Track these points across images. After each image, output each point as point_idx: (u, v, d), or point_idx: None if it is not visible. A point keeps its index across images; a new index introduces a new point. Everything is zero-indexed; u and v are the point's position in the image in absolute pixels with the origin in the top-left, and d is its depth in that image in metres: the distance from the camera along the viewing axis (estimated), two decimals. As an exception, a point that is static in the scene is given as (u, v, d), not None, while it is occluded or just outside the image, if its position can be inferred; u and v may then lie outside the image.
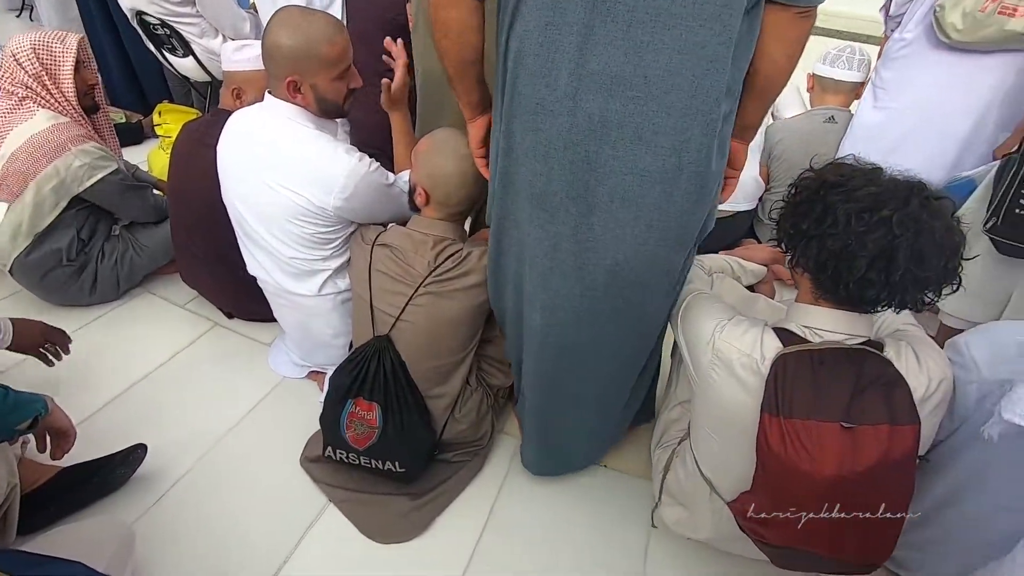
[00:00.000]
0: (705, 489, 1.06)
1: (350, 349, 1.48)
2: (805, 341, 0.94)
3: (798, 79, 1.75)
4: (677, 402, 1.27)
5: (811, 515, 0.88)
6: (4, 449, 1.08)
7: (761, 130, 2.04)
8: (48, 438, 1.14)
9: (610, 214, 0.95)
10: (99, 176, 1.68)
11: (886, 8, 1.82)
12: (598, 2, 0.82)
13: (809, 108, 2.13)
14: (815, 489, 0.87)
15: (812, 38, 0.93)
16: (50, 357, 1.42)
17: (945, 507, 1.05)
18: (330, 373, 1.60)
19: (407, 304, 1.26)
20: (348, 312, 1.47)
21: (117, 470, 1.32)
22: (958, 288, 0.89)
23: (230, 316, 1.85)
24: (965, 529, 1.05)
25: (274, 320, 1.64)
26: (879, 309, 0.93)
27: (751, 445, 0.93)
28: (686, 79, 0.84)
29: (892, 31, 1.80)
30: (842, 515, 0.87)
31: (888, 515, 0.87)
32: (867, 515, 0.87)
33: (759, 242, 2.04)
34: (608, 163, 0.91)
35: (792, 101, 2.28)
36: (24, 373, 1.58)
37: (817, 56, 2.07)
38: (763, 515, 0.94)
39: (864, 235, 0.84)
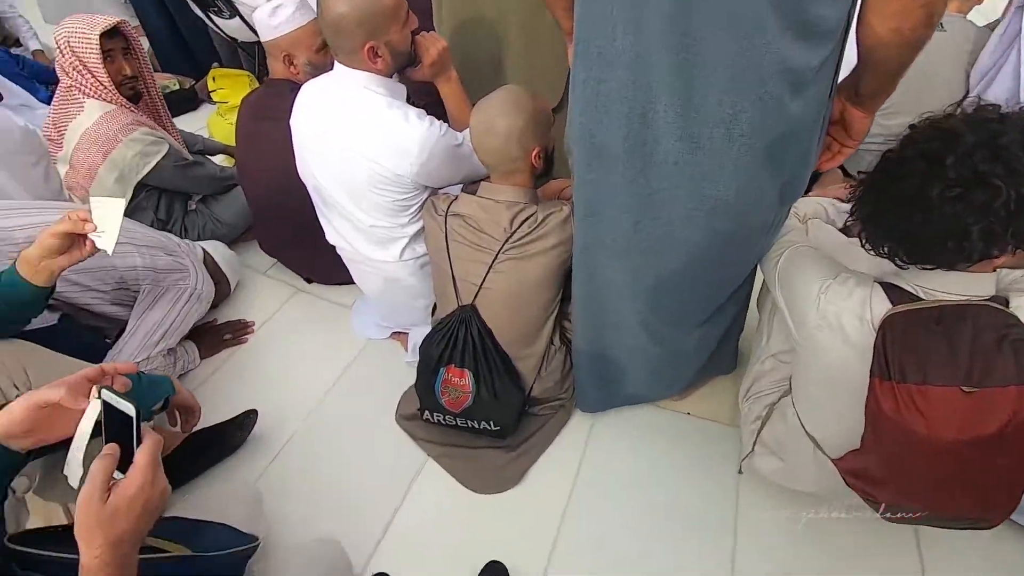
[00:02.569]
0: (809, 446, 1.06)
1: (432, 311, 1.52)
2: (917, 299, 0.89)
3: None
4: (770, 354, 1.25)
5: (926, 476, 0.88)
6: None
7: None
8: (177, 414, 1.25)
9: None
10: (153, 162, 1.68)
11: None
12: None
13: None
14: (932, 452, 0.85)
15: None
16: (238, 341, 1.70)
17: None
18: (412, 333, 1.66)
19: (488, 272, 1.26)
20: (428, 275, 1.49)
21: (235, 434, 1.44)
22: None
23: (309, 281, 1.91)
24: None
25: (353, 283, 1.69)
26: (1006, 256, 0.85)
27: (860, 405, 0.91)
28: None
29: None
30: (961, 474, 0.86)
31: (1014, 472, 0.85)
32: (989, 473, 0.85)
33: (845, 173, 1.90)
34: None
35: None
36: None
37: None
38: (874, 475, 0.94)
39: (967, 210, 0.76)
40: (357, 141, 1.27)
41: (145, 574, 0.76)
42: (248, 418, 1.46)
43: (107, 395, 0.68)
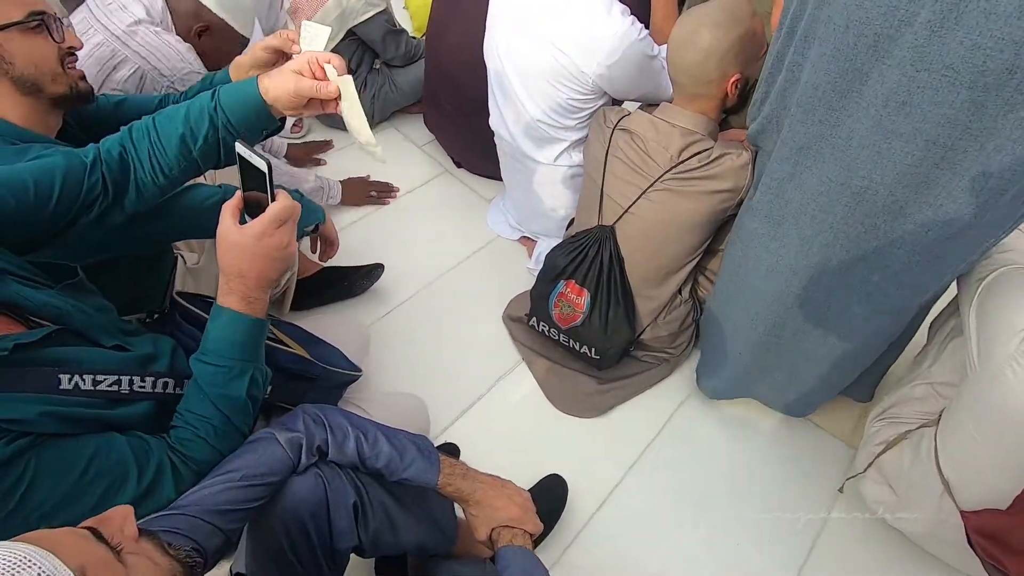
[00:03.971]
0: (938, 488, 0.93)
1: (568, 226, 1.49)
2: None
3: None
4: (927, 382, 1.08)
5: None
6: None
7: None
8: (319, 244, 1.36)
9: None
10: (372, 12, 1.80)
11: None
12: None
13: None
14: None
15: None
16: (381, 201, 1.80)
17: None
18: (541, 242, 1.65)
19: (639, 197, 1.19)
20: (575, 187, 1.45)
21: (362, 280, 1.56)
22: None
23: (459, 166, 1.95)
24: None
25: (499, 178, 1.69)
26: None
27: (1028, 465, 0.77)
28: None
29: None
30: None
31: None
32: None
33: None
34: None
35: None
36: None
37: None
38: (1010, 542, 0.81)
39: None
40: (551, 26, 1.21)
41: (271, 358, 0.87)
42: (375, 270, 1.56)
43: (240, 148, 0.71)
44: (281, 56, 1.01)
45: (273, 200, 0.71)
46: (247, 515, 0.72)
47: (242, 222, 0.72)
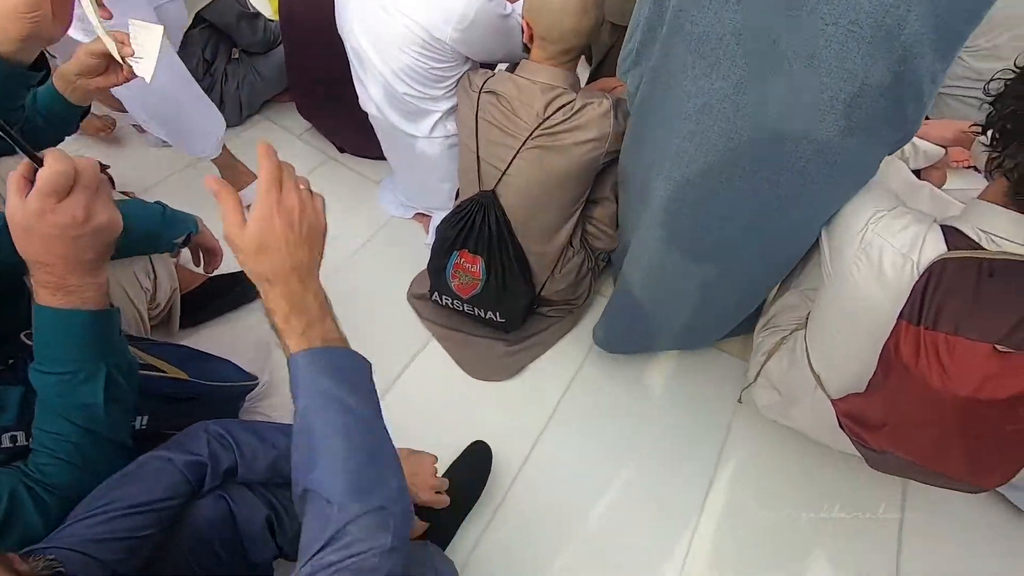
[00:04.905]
0: (811, 383, 1.02)
1: (456, 196, 1.48)
2: (978, 247, 0.80)
3: None
4: (798, 289, 1.18)
5: (926, 430, 0.83)
6: (165, 259, 1.23)
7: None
8: (200, 254, 1.28)
9: (789, 76, 0.78)
10: None
11: None
12: None
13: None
14: (940, 407, 0.80)
15: None
16: None
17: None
18: (435, 217, 1.64)
19: (514, 158, 1.20)
20: (456, 157, 1.44)
21: (253, 284, 1.49)
22: None
23: (342, 151, 1.88)
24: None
25: (384, 158, 1.65)
26: None
27: (876, 349, 0.86)
28: None
29: None
30: (963, 434, 0.81)
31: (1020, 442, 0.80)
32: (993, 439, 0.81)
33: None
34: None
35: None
36: (165, 197, 1.75)
37: None
38: (871, 420, 0.91)
39: None
40: (398, -6, 1.17)
41: (145, 387, 0.82)
42: (266, 271, 1.49)
43: None
44: (112, 62, 0.92)
45: (41, 165, 0.59)
46: (138, 544, 0.69)
47: None
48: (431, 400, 1.36)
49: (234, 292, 1.48)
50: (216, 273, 1.37)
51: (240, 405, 1.09)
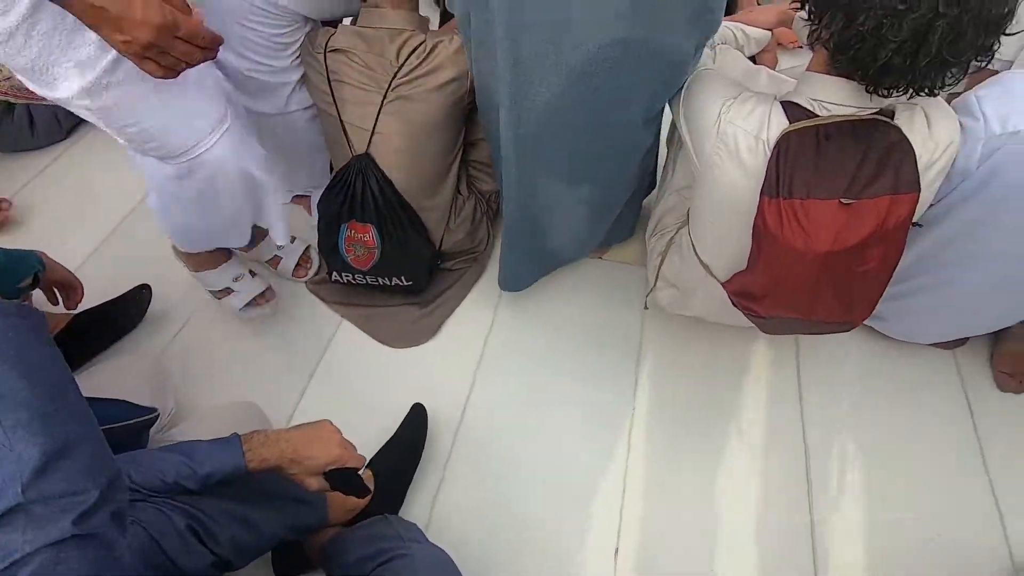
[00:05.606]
0: (701, 272, 1.10)
1: (331, 170, 1.41)
2: (813, 115, 0.88)
3: None
4: (674, 190, 1.25)
5: (800, 288, 0.93)
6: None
7: None
8: (56, 292, 1.14)
9: None
10: None
11: None
12: None
13: None
14: (807, 265, 0.89)
15: None
16: None
17: (928, 260, 1.12)
18: (315, 195, 1.55)
19: (379, 114, 1.16)
20: (319, 128, 1.36)
21: (130, 309, 1.36)
22: (988, 64, 0.80)
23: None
24: (946, 286, 1.13)
25: (244, 145, 1.52)
26: (892, 95, 0.84)
27: (749, 229, 0.94)
28: None
29: None
30: (830, 284, 0.92)
31: (872, 279, 0.92)
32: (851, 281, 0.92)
33: (759, 1, 1.81)
34: None
35: None
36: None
37: None
38: (755, 292, 1.00)
39: (903, 14, 0.71)
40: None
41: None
42: (140, 293, 1.36)
43: None
44: None
45: None
46: None
47: None
48: (355, 380, 1.34)
49: (109, 324, 1.34)
50: (80, 309, 1.24)
51: (145, 439, 1.01)
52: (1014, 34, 0.77)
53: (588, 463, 1.23)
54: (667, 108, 1.12)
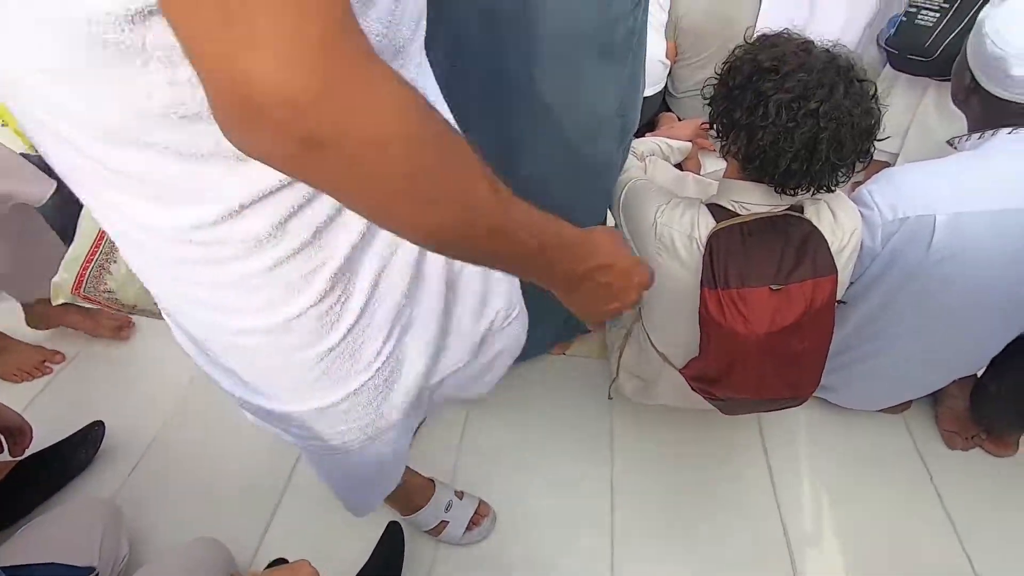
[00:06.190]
0: (659, 362, 1.16)
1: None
2: (735, 215, 1.00)
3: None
4: (623, 287, 1.34)
5: (749, 369, 1.00)
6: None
7: (664, 4, 1.98)
8: (2, 439, 1.09)
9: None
10: None
11: None
12: None
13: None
14: (751, 346, 0.97)
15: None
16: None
17: (859, 333, 1.23)
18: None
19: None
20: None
21: (78, 450, 1.29)
22: (869, 163, 0.95)
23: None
24: (878, 355, 1.23)
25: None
26: (798, 194, 0.97)
27: (695, 317, 1.02)
28: None
29: None
30: (774, 363, 1.00)
31: (812, 355, 1.00)
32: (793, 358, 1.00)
33: (679, 118, 2.07)
34: None
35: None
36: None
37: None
38: (711, 375, 1.06)
39: (793, 129, 0.86)
40: None
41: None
42: (92, 431, 1.31)
43: None
44: None
45: None
46: None
47: None
48: (328, 501, 1.28)
49: (52, 471, 1.26)
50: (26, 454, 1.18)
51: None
52: (883, 139, 0.93)
53: (570, 568, 1.20)
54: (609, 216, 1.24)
